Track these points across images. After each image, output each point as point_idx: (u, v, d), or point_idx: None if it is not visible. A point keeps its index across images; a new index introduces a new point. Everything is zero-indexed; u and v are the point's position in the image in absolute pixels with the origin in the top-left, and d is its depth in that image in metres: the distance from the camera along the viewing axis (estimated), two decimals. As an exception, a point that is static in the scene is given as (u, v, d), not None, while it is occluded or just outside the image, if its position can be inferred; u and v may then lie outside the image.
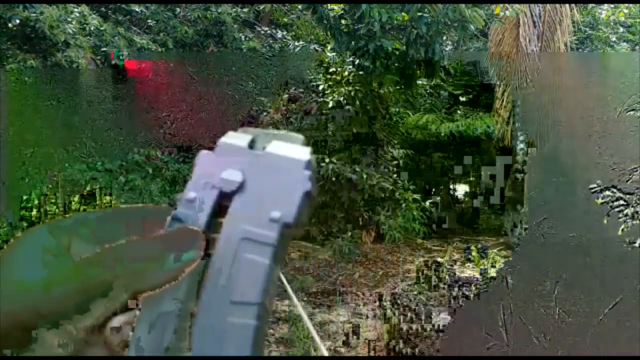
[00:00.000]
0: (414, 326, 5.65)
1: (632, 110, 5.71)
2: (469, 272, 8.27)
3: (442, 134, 11.84)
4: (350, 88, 8.78)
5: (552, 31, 8.86)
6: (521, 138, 9.84)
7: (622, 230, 5.38)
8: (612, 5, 10.92)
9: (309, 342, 5.06)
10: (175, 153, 6.66)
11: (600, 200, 5.54)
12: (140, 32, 6.57)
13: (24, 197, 9.36)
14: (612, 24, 10.88)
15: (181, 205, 0.33)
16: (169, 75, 6.76)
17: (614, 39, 10.60)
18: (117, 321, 0.31)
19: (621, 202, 5.46)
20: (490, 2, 7.00)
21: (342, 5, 6.68)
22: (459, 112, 12.36)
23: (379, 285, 7.71)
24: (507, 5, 6.86)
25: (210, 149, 0.34)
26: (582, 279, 5.65)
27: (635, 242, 5.32)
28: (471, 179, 14.49)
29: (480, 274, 7.80)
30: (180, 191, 0.33)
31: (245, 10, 7.92)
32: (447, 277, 7.62)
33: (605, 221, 5.58)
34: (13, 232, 8.53)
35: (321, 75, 9.23)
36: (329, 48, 9.19)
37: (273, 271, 0.30)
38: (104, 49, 5.74)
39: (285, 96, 9.33)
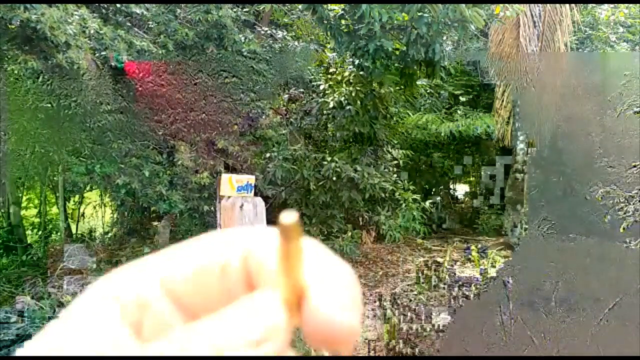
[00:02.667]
0: (414, 326, 5.65)
1: (632, 110, 5.71)
2: (469, 272, 8.27)
3: (442, 134, 11.83)
4: (350, 88, 8.78)
5: (552, 31, 8.86)
6: (521, 138, 9.84)
7: (623, 228, 5.38)
8: (612, 5, 10.92)
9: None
10: (174, 156, 6.67)
11: (600, 200, 5.54)
12: (140, 34, 6.57)
13: (24, 198, 9.38)
14: (612, 24, 10.88)
15: None
16: (169, 77, 6.76)
17: (613, 39, 10.59)
18: None
19: (621, 200, 5.47)
20: (490, 2, 7.00)
21: (342, 6, 6.68)
22: (459, 112, 12.36)
23: (379, 285, 7.71)
24: (507, 5, 6.86)
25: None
26: (582, 278, 5.65)
27: (635, 242, 5.32)
28: (471, 179, 14.49)
29: (480, 273, 7.80)
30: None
31: (246, 10, 7.92)
32: (447, 277, 7.62)
33: (605, 220, 5.58)
34: (13, 232, 8.54)
35: (321, 75, 9.23)
36: (328, 48, 9.19)
37: None
38: (103, 52, 5.73)
39: (286, 96, 9.34)
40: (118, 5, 6.32)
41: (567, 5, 9.00)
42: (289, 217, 0.24)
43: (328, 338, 0.24)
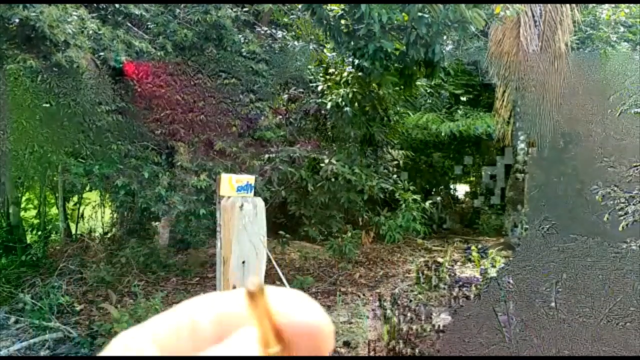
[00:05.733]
0: (414, 326, 5.64)
1: (633, 110, 5.70)
2: (469, 272, 8.26)
3: (443, 134, 11.82)
4: (348, 89, 8.76)
5: (552, 31, 8.85)
6: (522, 138, 9.83)
7: (622, 227, 5.37)
8: (613, 5, 10.89)
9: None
10: (173, 157, 6.65)
11: (600, 200, 5.53)
12: (140, 35, 6.55)
13: (23, 199, 9.37)
14: (612, 23, 10.85)
15: None
16: (168, 78, 6.75)
17: (614, 38, 10.56)
18: None
19: (622, 201, 5.45)
20: (490, 2, 6.99)
21: (341, 6, 6.66)
22: (459, 111, 12.34)
23: (379, 285, 7.70)
24: (507, 5, 6.85)
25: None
26: (582, 279, 5.64)
27: (636, 243, 5.31)
28: (472, 179, 14.48)
29: (481, 274, 7.78)
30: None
31: (245, 10, 7.89)
32: (447, 277, 7.61)
33: (606, 220, 5.57)
34: (13, 232, 8.53)
35: (320, 75, 9.20)
36: (328, 47, 9.17)
37: None
38: (101, 53, 5.71)
39: (285, 96, 9.32)
40: (117, 5, 6.30)
41: (568, 5, 8.99)
42: (253, 283, 0.30)
43: (305, 332, 0.32)
